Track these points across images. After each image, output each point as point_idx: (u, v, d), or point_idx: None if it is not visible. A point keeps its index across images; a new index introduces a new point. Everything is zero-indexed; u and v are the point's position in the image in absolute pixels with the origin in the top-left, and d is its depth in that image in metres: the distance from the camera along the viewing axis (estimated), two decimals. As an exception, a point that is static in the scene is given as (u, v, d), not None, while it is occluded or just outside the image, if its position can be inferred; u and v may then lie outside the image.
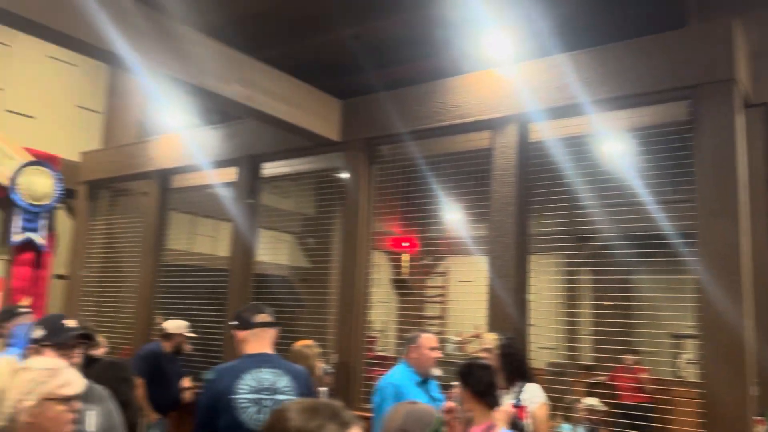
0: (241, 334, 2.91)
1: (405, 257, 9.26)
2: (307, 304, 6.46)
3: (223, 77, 4.41)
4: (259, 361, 2.83)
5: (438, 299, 9.27)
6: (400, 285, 9.11)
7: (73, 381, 2.02)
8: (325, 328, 5.59)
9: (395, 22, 5.64)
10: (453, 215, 5.97)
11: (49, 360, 2.13)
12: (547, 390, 4.61)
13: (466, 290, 5.07)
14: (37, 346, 2.51)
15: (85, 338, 2.60)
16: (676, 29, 3.97)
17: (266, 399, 2.74)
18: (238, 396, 2.71)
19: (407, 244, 9.01)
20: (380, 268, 9.31)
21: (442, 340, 7.52)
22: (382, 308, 8.47)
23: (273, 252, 6.80)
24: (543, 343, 6.38)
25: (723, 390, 3.47)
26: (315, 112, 5.13)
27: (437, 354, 3.80)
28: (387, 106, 5.03)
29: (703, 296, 3.60)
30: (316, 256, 7.15)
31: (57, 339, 2.50)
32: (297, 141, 5.42)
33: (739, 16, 3.87)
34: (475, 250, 4.96)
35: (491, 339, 3.82)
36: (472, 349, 6.66)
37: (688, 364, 6.48)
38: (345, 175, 5.37)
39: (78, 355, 2.58)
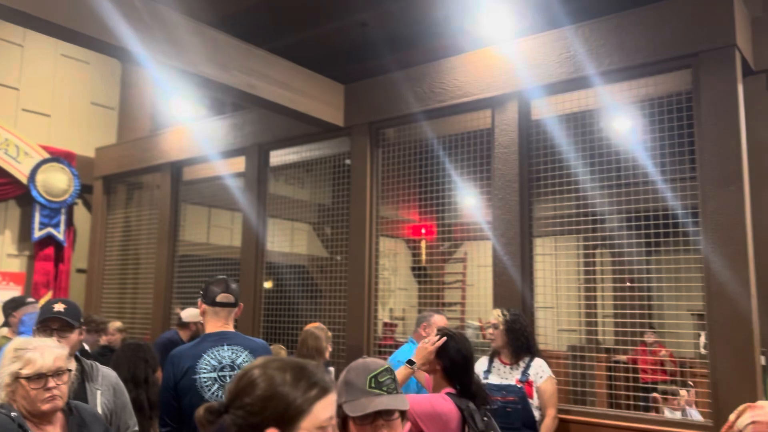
0: (203, 307, 2.90)
1: (423, 244, 9.28)
2: (323, 291, 6.51)
3: (227, 67, 4.46)
4: (218, 339, 2.83)
5: (457, 285, 9.27)
6: (419, 272, 9.13)
7: (36, 360, 2.08)
8: (339, 313, 5.64)
9: (398, 5, 5.63)
10: (466, 198, 5.94)
11: (25, 340, 2.20)
12: (566, 371, 4.61)
13: (485, 275, 5.06)
14: (37, 330, 2.65)
15: (64, 321, 2.66)
16: (675, -3, 3.89)
17: (227, 376, 2.77)
18: (199, 375, 2.72)
19: (424, 230, 9.02)
20: (399, 255, 9.35)
21: (463, 326, 7.52)
22: (402, 295, 8.50)
23: (287, 241, 6.86)
24: (563, 326, 6.33)
25: (731, 361, 3.42)
26: (319, 98, 5.16)
27: (445, 335, 3.80)
28: (389, 89, 5.03)
29: (709, 268, 3.54)
30: (330, 244, 7.19)
31: (39, 322, 2.62)
32: (303, 128, 5.46)
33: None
34: (489, 234, 4.94)
35: (497, 315, 3.82)
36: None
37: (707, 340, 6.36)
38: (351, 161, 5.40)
39: (68, 336, 2.65)
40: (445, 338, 2.59)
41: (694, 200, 3.75)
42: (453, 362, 2.52)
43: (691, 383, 4.96)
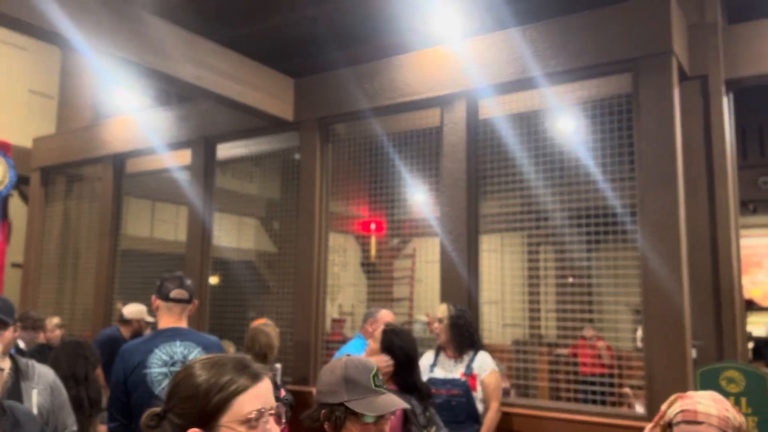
0: (156, 302, 2.90)
1: (372, 240, 9.31)
2: (271, 287, 6.45)
3: (174, 57, 4.35)
4: (171, 334, 2.83)
5: (406, 281, 9.34)
6: (368, 268, 9.16)
7: None
8: (286, 309, 5.60)
9: (349, 1, 5.62)
10: (416, 195, 5.99)
11: None
12: (511, 365, 4.71)
13: (433, 271, 5.11)
14: None
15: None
16: (619, 3, 4.02)
17: None
18: (150, 370, 2.71)
19: (374, 226, 9.05)
20: (348, 251, 9.34)
21: (411, 321, 7.58)
22: (352, 291, 8.50)
23: (234, 236, 6.76)
24: (508, 320, 6.47)
25: (665, 354, 3.57)
26: (268, 92, 5.10)
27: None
28: (339, 85, 5.03)
29: (646, 265, 3.69)
30: (279, 239, 7.13)
31: None
32: (251, 122, 5.39)
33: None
34: (437, 230, 5.00)
35: (442, 310, 3.89)
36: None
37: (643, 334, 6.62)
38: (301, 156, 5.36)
39: (2, 334, 2.58)
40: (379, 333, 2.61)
41: (632, 200, 3.89)
42: (397, 360, 2.54)
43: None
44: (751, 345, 8.00)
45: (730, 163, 4.18)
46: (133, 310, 5.51)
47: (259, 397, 1.23)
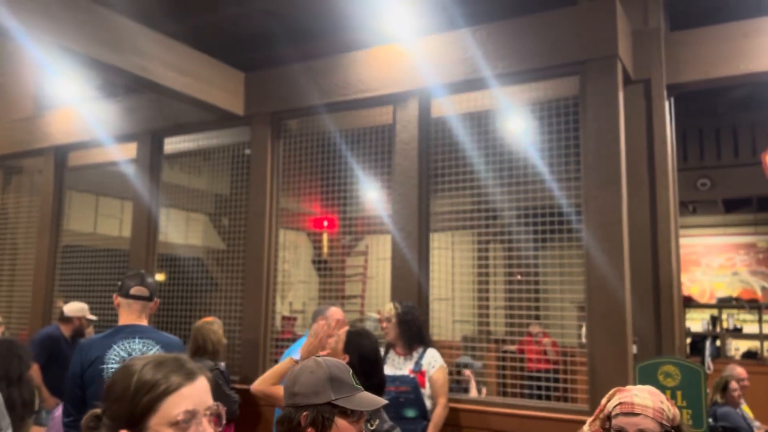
0: (117, 300, 2.91)
1: (325, 237, 9.25)
2: (220, 284, 6.35)
3: (119, 48, 4.22)
4: (130, 332, 2.83)
5: (358, 278, 9.34)
6: (320, 265, 9.11)
7: None
8: (235, 307, 5.52)
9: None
10: (368, 192, 5.99)
11: None
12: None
13: (385, 268, 5.13)
14: None
15: None
16: (566, 7, 4.11)
17: None
18: (107, 366, 2.70)
19: (326, 223, 9.00)
20: (300, 248, 9.27)
21: (363, 318, 7.59)
22: (303, 288, 8.44)
23: (182, 232, 6.62)
24: (458, 317, 6.54)
25: (607, 350, 3.67)
26: (217, 85, 5.00)
27: (343, 328, 3.82)
28: (292, 80, 4.97)
29: (590, 263, 3.78)
30: (228, 236, 7.01)
31: None
32: (200, 115, 5.29)
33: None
34: (391, 228, 5.01)
35: (389, 308, 3.90)
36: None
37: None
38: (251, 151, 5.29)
39: None
40: (344, 333, 2.60)
41: (578, 199, 3.98)
42: (363, 358, 2.55)
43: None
44: (689, 340, 8.34)
45: (671, 165, 4.33)
46: (74, 307, 5.33)
47: (191, 397, 1.19)
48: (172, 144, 5.87)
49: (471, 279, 7.24)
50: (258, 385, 2.74)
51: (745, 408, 5.35)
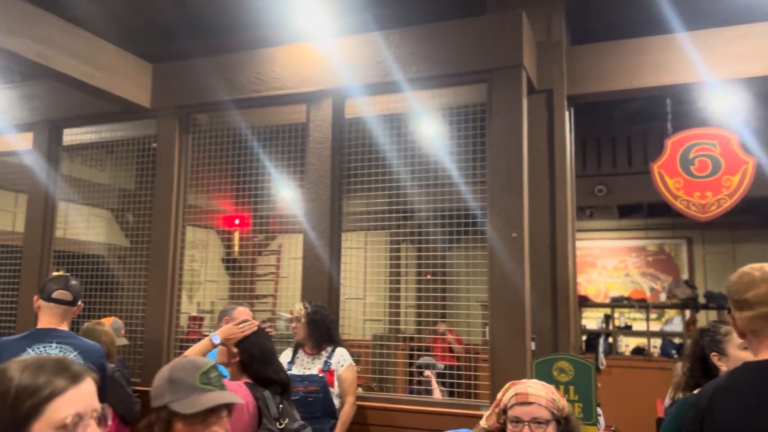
0: (38, 302, 2.83)
1: (236, 235, 9.08)
2: (123, 282, 6.09)
3: (13, 31, 3.96)
4: (47, 335, 2.74)
5: (270, 277, 9.22)
6: (230, 264, 8.93)
7: None
8: (139, 307, 5.32)
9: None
10: (281, 191, 5.94)
11: None
12: (368, 360, 4.82)
13: (298, 268, 5.10)
14: None
15: None
16: (475, 15, 4.26)
17: None
18: None
19: (238, 221, 8.83)
20: (210, 247, 9.04)
21: (274, 318, 7.51)
22: (212, 288, 8.24)
23: (82, 228, 6.30)
24: (369, 316, 6.60)
25: (508, 346, 3.85)
26: (123, 76, 4.80)
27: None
28: (203, 74, 4.85)
29: (493, 264, 3.94)
30: (133, 233, 6.75)
31: None
32: (103, 106, 5.05)
33: (528, 7, 4.26)
34: (301, 227, 4.99)
35: (298, 308, 3.90)
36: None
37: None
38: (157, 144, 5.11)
39: None
40: (255, 326, 2.65)
41: (484, 202, 4.14)
42: (250, 355, 2.58)
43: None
44: (584, 338, 8.84)
45: (570, 172, 4.59)
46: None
47: (77, 400, 1.16)
48: (73, 135, 5.58)
49: (383, 278, 7.35)
50: None
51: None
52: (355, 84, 4.43)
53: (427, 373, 4.73)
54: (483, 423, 2.17)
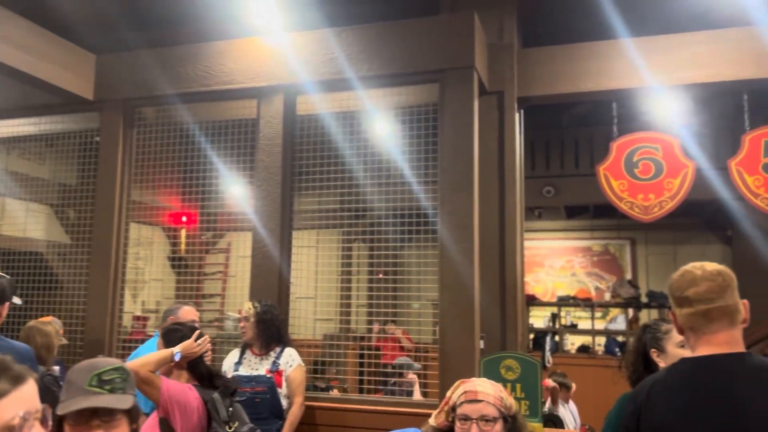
0: None
1: (183, 233, 8.87)
2: (63, 281, 5.87)
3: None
4: None
5: (218, 276, 9.06)
6: (177, 262, 8.72)
7: None
8: (80, 306, 5.13)
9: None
10: (231, 188, 5.81)
11: None
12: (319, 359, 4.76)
13: (247, 266, 5.01)
14: None
15: None
16: (429, 16, 4.27)
17: None
18: None
19: (185, 219, 8.63)
20: (156, 244, 8.79)
21: (222, 318, 7.37)
22: (157, 287, 8.01)
23: (20, 224, 6.03)
24: (320, 315, 6.55)
25: (457, 345, 3.87)
26: (64, 66, 4.62)
27: (195, 327, 3.69)
28: (148, 66, 4.71)
29: (443, 263, 3.96)
30: (74, 229, 6.51)
31: None
32: (43, 97, 4.84)
33: (481, 9, 4.29)
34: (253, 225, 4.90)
35: (247, 308, 3.83)
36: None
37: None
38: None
39: None
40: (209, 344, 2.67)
41: (435, 202, 4.16)
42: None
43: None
44: (532, 336, 9.01)
45: (520, 173, 4.66)
46: None
47: (22, 401, 1.14)
48: (10, 127, 5.33)
49: (334, 277, 7.31)
50: (139, 366, 2.50)
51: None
52: (307, 80, 4.38)
53: (411, 375, 4.72)
54: (432, 421, 2.17)
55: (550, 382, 4.70)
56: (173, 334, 2.69)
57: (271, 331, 3.79)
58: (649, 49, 4.45)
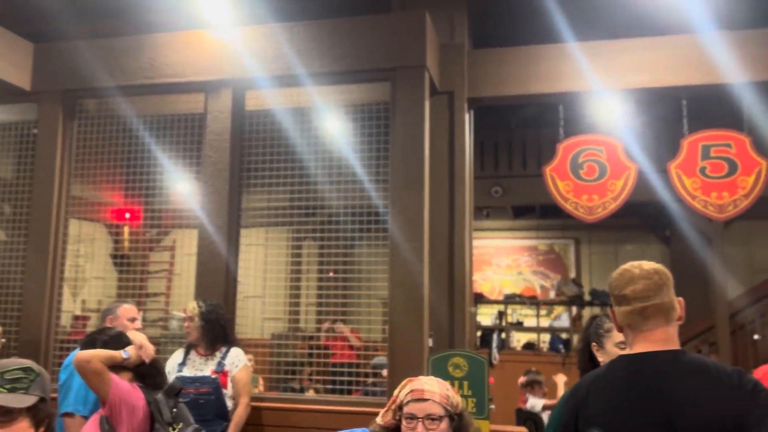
0: None
1: (126, 230, 8.61)
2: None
3: None
4: None
5: (163, 274, 8.83)
6: (119, 260, 8.46)
7: None
8: (14, 305, 4.90)
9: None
10: (177, 184, 5.66)
11: None
12: (267, 359, 4.68)
13: (193, 265, 4.89)
14: None
15: None
16: (381, 13, 4.26)
17: None
18: None
19: (128, 215, 8.38)
20: (97, 241, 8.49)
21: (167, 317, 7.19)
22: (99, 285, 7.74)
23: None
24: (269, 315, 6.46)
25: (407, 343, 3.88)
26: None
27: (137, 326, 3.59)
28: (89, 57, 4.54)
29: (394, 261, 3.96)
30: (10, 225, 6.22)
31: None
32: (-25, 86, 4.61)
33: (432, 9, 4.31)
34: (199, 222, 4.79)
35: (192, 307, 3.74)
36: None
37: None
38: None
39: None
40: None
41: (386, 200, 4.16)
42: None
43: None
44: (479, 334, 9.14)
45: (469, 173, 4.70)
46: None
47: None
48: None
49: (283, 276, 7.22)
50: (91, 356, 2.42)
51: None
52: (256, 75, 4.30)
53: (385, 373, 4.69)
54: (379, 420, 2.16)
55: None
56: (91, 345, 2.57)
57: (216, 331, 3.72)
58: (596, 54, 4.56)
